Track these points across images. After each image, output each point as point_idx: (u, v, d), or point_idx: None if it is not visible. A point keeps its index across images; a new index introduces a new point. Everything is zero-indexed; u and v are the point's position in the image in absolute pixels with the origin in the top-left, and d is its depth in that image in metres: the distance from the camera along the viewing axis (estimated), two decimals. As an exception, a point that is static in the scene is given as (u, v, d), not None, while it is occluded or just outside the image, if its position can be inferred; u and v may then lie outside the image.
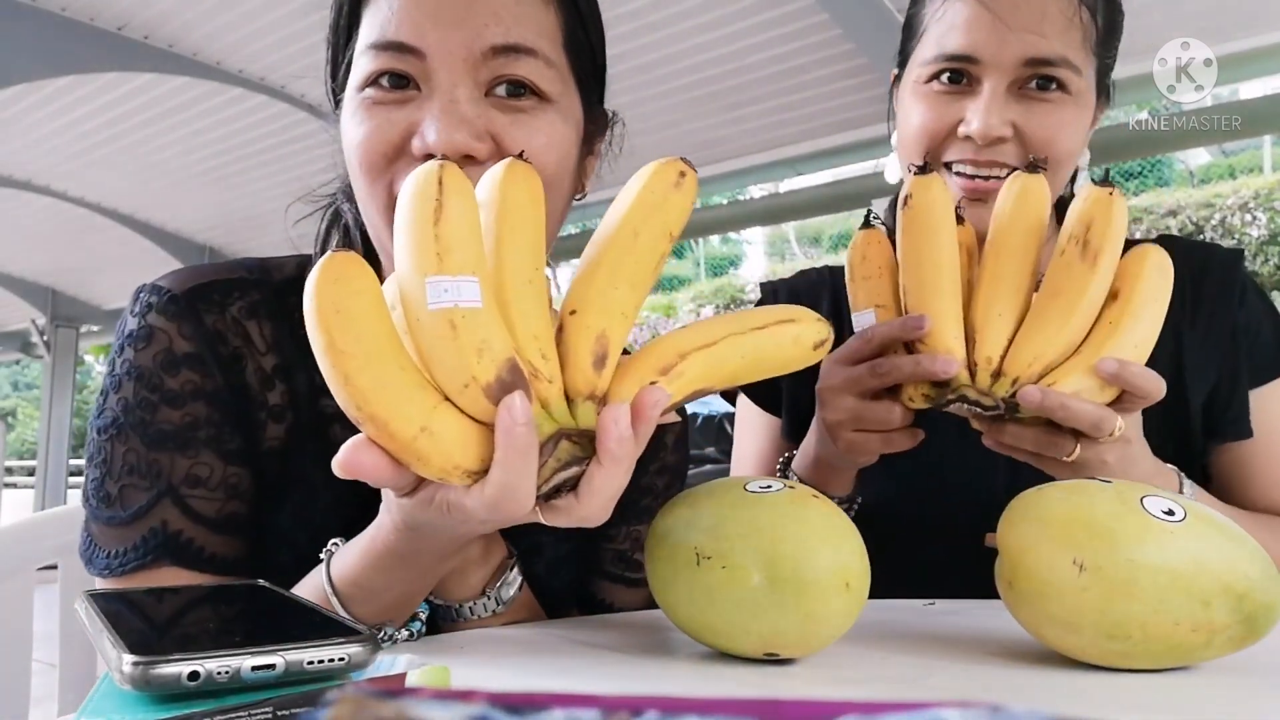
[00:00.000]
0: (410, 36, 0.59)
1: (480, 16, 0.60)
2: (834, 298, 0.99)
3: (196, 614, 0.49)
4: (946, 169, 0.81)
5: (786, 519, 0.52)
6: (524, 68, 0.61)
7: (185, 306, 0.64)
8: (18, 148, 5.22)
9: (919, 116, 0.81)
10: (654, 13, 3.49)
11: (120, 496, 0.62)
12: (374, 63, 0.61)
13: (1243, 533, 0.50)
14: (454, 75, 0.60)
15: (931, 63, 0.80)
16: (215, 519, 0.63)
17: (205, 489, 0.62)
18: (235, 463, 0.64)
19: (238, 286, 0.67)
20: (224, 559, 0.63)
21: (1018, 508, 0.54)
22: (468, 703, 0.17)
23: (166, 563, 0.61)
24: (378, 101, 0.61)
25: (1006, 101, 0.78)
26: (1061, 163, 0.80)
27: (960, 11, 0.79)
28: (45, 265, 7.95)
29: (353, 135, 0.62)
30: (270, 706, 0.36)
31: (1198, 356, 0.84)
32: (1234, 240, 8.21)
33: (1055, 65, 0.77)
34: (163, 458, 0.62)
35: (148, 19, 3.82)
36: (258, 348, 0.66)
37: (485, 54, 0.60)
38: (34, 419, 16.45)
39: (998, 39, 0.77)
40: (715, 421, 3.55)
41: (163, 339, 0.63)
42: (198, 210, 6.17)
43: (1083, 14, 0.78)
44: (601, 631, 0.65)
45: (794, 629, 0.51)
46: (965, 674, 0.51)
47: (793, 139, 4.52)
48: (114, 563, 0.61)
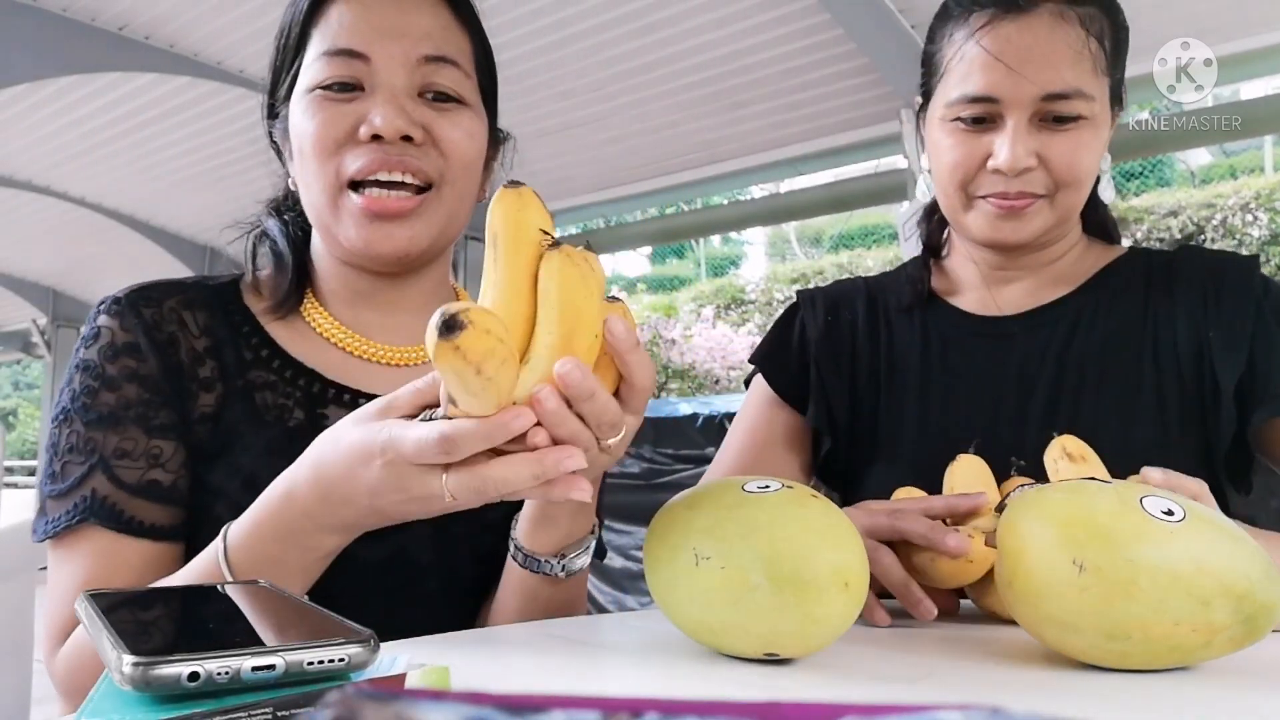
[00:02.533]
0: (359, 45, 0.73)
1: (415, 32, 0.74)
2: (869, 304, 1.02)
3: (196, 614, 0.49)
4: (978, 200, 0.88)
5: (786, 519, 0.52)
6: (447, 76, 0.75)
7: (126, 306, 0.75)
8: (18, 148, 5.22)
9: (950, 154, 0.87)
10: (654, 13, 3.49)
11: (62, 471, 0.71)
12: (326, 68, 0.73)
13: (1243, 533, 0.50)
14: (393, 76, 0.73)
15: (955, 104, 0.86)
16: (137, 485, 0.71)
17: (130, 459, 0.71)
18: (158, 436, 0.72)
19: (176, 289, 0.78)
20: (142, 521, 0.70)
21: (1018, 508, 0.54)
22: (467, 703, 0.17)
23: (93, 523, 0.69)
24: (329, 98, 0.73)
25: (1030, 133, 0.84)
26: (1083, 182, 0.86)
27: (978, 57, 0.85)
28: (46, 265, 7.96)
29: (305, 126, 0.74)
30: (270, 707, 0.36)
31: (1224, 341, 0.85)
32: (1235, 240, 8.22)
33: (1070, 99, 0.83)
34: (97, 435, 0.71)
35: (149, 19, 3.83)
36: (191, 331, 0.76)
37: (419, 61, 0.74)
38: (34, 419, 16.47)
39: (1014, 80, 0.83)
40: (715, 421, 3.55)
41: (106, 334, 0.74)
42: (198, 210, 6.17)
43: (1091, 44, 0.83)
44: (601, 631, 0.65)
45: (794, 629, 0.51)
46: (965, 674, 0.51)
47: (794, 139, 4.52)
48: (49, 526, 0.70)
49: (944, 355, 0.94)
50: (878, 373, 0.97)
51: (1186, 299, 0.88)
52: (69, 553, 0.69)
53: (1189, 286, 0.89)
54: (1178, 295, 0.89)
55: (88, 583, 0.67)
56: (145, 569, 0.70)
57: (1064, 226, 0.91)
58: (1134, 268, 0.93)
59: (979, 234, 0.89)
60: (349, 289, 0.80)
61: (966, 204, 0.89)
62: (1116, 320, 0.89)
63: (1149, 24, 3.14)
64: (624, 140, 4.55)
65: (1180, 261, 0.91)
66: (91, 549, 0.69)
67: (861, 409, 0.96)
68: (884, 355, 0.97)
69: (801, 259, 14.59)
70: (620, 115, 4.25)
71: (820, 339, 1.00)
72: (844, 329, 1.00)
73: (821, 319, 1.01)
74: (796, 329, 1.03)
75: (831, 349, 0.99)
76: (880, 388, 0.96)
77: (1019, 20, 0.83)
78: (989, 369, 0.83)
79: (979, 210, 0.88)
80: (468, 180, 0.78)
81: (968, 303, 0.97)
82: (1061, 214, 0.87)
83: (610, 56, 3.73)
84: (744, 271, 15.74)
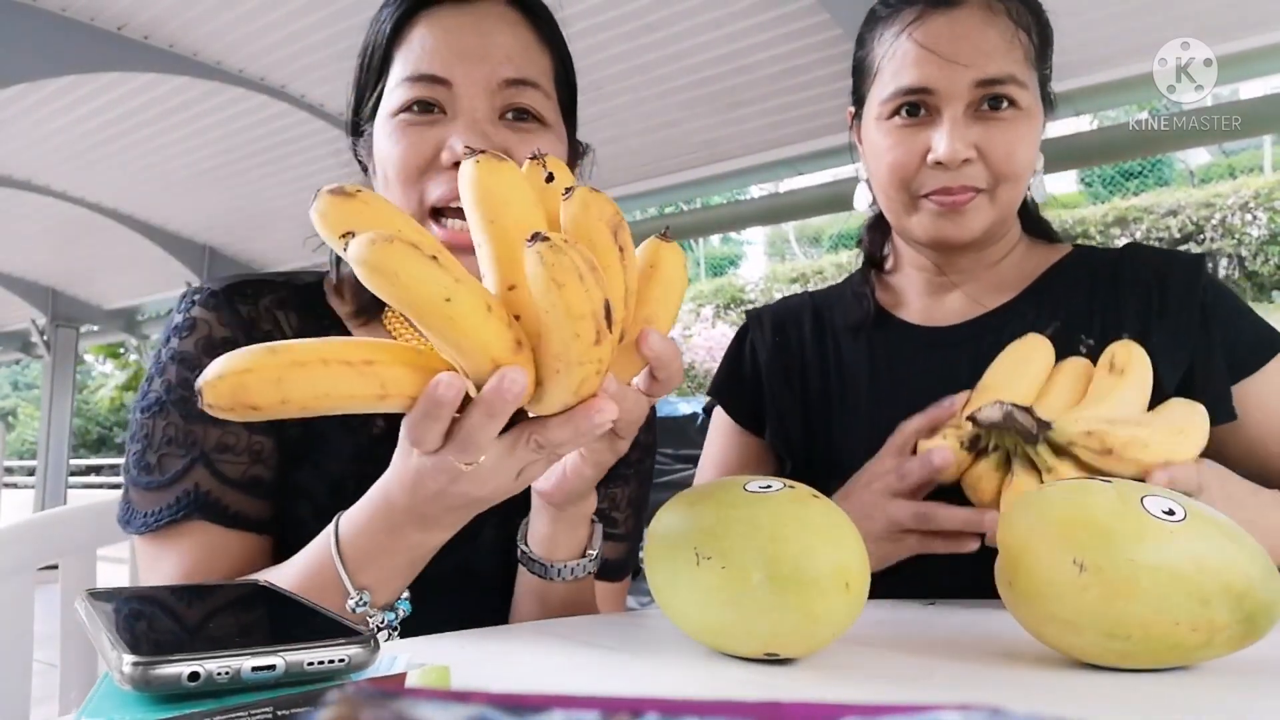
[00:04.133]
0: (441, 70, 0.73)
1: (496, 56, 0.74)
2: (816, 321, 1.02)
3: (197, 614, 0.49)
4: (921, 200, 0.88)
5: (786, 518, 0.52)
6: (529, 97, 0.75)
7: (224, 299, 0.75)
8: (18, 148, 5.21)
9: (889, 154, 0.87)
10: (654, 13, 3.49)
11: (159, 464, 0.71)
12: (409, 92, 0.74)
13: (1243, 532, 0.50)
14: (475, 101, 0.74)
15: (890, 99, 0.87)
16: (240, 480, 0.72)
17: (233, 454, 0.72)
18: (258, 432, 0.73)
19: (268, 286, 0.79)
20: (246, 515, 0.72)
21: (1018, 508, 0.54)
22: (467, 703, 0.17)
23: (197, 517, 0.69)
24: (411, 123, 0.74)
25: (967, 125, 0.84)
26: (1021, 175, 0.87)
27: (909, 51, 0.86)
28: (45, 265, 7.94)
29: (389, 151, 0.74)
30: (270, 707, 0.36)
31: (1167, 343, 0.84)
32: (1234, 240, 8.21)
33: (1004, 84, 0.84)
34: (197, 428, 0.71)
35: (148, 19, 3.82)
36: (285, 331, 0.77)
37: (500, 85, 0.74)
38: (34, 419, 16.44)
39: (948, 70, 0.83)
40: (715, 421, 3.54)
41: (204, 327, 0.74)
42: (198, 210, 6.16)
43: (1020, 35, 0.85)
44: (601, 631, 0.65)
45: (794, 629, 0.51)
46: (965, 674, 0.51)
47: (793, 139, 4.51)
48: (150, 519, 0.69)
49: (892, 369, 0.94)
50: (828, 391, 0.97)
51: (1131, 299, 0.88)
52: (169, 546, 0.70)
53: (1133, 287, 0.89)
54: (1122, 295, 0.89)
55: (191, 575, 0.69)
56: (244, 560, 0.71)
57: (1005, 225, 0.91)
58: (1078, 269, 0.93)
59: (923, 234, 0.89)
60: None
61: (909, 205, 0.89)
62: (1062, 323, 0.88)
63: (1149, 24, 3.14)
64: (622, 140, 4.55)
65: (1125, 261, 0.91)
66: (193, 542, 0.70)
67: (814, 427, 0.96)
68: (833, 373, 0.97)
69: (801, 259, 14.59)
70: (619, 115, 4.24)
71: (770, 360, 1.01)
72: (792, 348, 1.01)
73: (770, 339, 1.02)
74: (748, 352, 1.04)
75: (782, 369, 1.00)
76: (831, 406, 0.96)
77: (949, 13, 0.85)
78: (938, 380, 0.83)
79: (923, 211, 0.88)
80: None
81: (913, 314, 0.97)
82: (1002, 209, 0.88)
83: (608, 56, 3.72)
84: (743, 271, 15.75)
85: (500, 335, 0.45)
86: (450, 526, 0.58)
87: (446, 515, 0.57)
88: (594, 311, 0.43)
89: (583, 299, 0.43)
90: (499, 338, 0.45)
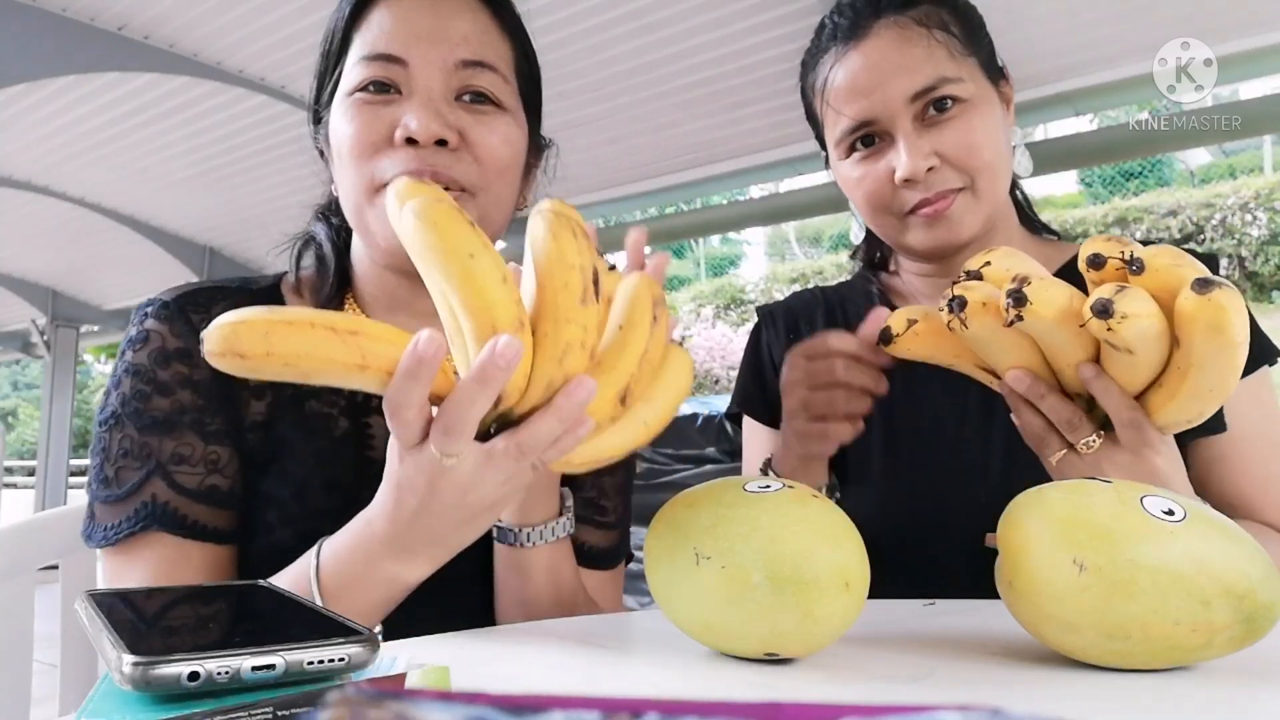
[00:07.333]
0: (398, 49, 0.73)
1: (454, 37, 0.74)
2: (828, 316, 1.03)
3: (196, 614, 0.49)
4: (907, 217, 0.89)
5: (786, 518, 0.52)
6: (485, 80, 0.75)
7: (175, 310, 0.75)
8: (18, 148, 5.21)
9: (859, 185, 0.90)
10: (654, 13, 3.49)
11: (117, 477, 0.70)
12: (365, 71, 0.74)
13: (1243, 533, 0.50)
14: (430, 81, 0.73)
15: (841, 140, 0.90)
16: (198, 491, 0.71)
17: (189, 465, 0.71)
18: (214, 442, 0.73)
19: (221, 293, 0.78)
20: (206, 526, 0.71)
21: (1018, 508, 0.54)
22: (467, 703, 0.17)
23: (156, 529, 0.69)
24: (366, 102, 0.74)
25: (920, 136, 0.85)
26: (992, 162, 0.86)
27: (838, 92, 0.88)
28: (45, 265, 7.94)
29: (344, 130, 0.74)
30: (270, 706, 0.36)
31: None
32: (1234, 240, 8.21)
33: (937, 87, 0.85)
34: (152, 440, 0.71)
35: (148, 19, 3.82)
36: None
37: (456, 65, 0.74)
38: (34, 419, 16.45)
39: (879, 96, 0.85)
40: (715, 421, 3.55)
41: (156, 339, 0.73)
42: (198, 210, 6.16)
43: (935, 36, 0.86)
44: (601, 631, 0.65)
45: (794, 629, 0.51)
46: (965, 674, 0.51)
47: (793, 139, 4.51)
48: (110, 533, 0.69)
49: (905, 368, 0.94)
50: None
51: None
52: (131, 559, 0.69)
53: None
54: None
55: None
56: (207, 570, 0.71)
57: (996, 218, 0.91)
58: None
59: (921, 246, 0.89)
60: (388, 295, 0.81)
61: (898, 225, 0.90)
62: None
63: (1149, 24, 3.14)
64: (623, 140, 4.55)
65: None
66: (154, 554, 0.69)
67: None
68: None
69: (801, 259, 14.59)
70: (619, 115, 4.24)
71: (785, 354, 1.01)
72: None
73: (783, 335, 1.03)
74: (764, 350, 1.04)
75: None
76: None
77: (859, 46, 0.87)
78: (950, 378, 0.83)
79: (913, 227, 0.89)
80: (503, 187, 0.78)
81: None
82: (988, 202, 0.87)
83: (608, 57, 3.72)
84: (743, 271, 15.76)
85: (507, 302, 0.47)
86: (428, 560, 0.58)
87: (425, 547, 0.57)
88: (582, 266, 0.48)
89: (574, 251, 0.48)
90: (505, 303, 0.47)
